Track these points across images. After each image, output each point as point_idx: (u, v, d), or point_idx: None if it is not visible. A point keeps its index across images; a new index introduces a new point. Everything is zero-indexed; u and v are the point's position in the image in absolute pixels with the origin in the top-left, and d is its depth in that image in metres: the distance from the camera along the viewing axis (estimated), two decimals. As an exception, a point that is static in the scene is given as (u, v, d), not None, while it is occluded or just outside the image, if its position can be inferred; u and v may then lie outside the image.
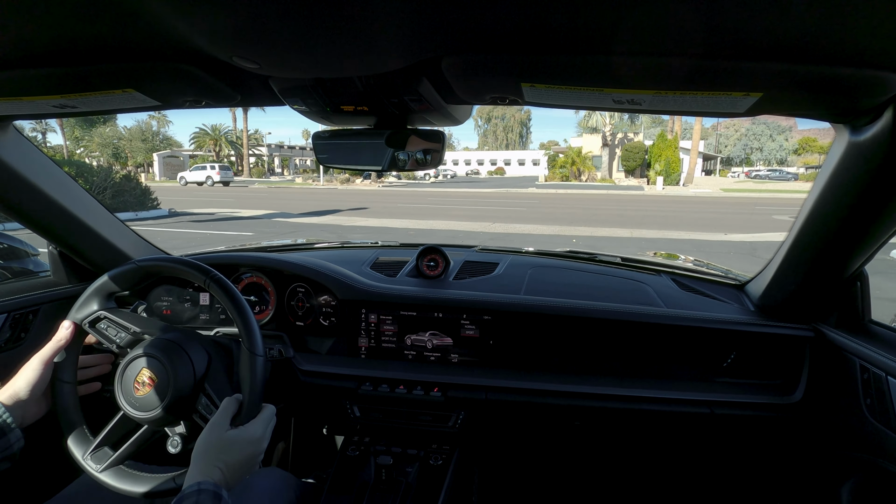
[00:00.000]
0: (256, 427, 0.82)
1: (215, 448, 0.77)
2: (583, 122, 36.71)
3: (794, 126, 54.41)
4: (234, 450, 0.78)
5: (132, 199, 12.26)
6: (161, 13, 0.51)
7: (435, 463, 1.14)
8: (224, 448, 0.77)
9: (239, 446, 0.78)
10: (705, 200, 18.07)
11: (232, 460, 0.77)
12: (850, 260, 0.93)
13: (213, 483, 0.71)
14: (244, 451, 0.79)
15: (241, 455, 0.78)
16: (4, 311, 1.19)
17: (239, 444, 0.78)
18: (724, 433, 1.20)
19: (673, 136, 28.73)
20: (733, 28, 0.49)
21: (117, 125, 39.54)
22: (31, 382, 0.84)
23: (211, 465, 0.75)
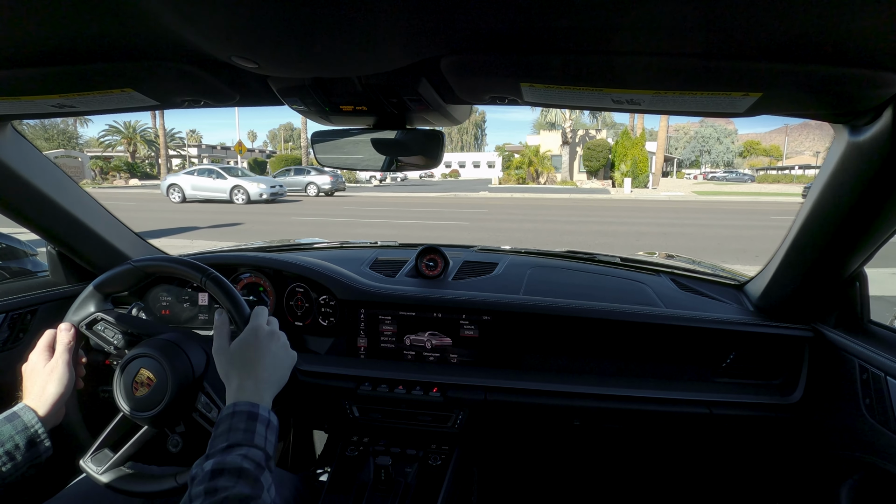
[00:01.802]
0: (255, 320, 0.82)
1: (232, 365, 0.76)
2: (541, 117, 32.83)
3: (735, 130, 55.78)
4: (249, 353, 0.77)
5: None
6: (160, 13, 0.51)
7: (434, 463, 1.14)
8: (239, 359, 0.76)
9: (252, 347, 0.77)
10: (691, 207, 15.24)
11: (255, 364, 0.76)
12: (850, 260, 0.93)
13: (249, 403, 0.70)
14: (260, 347, 0.78)
15: (259, 353, 0.77)
16: (3, 311, 1.18)
17: (251, 346, 0.78)
18: (723, 433, 1.20)
19: (639, 134, 26.43)
20: (733, 28, 0.49)
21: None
22: (62, 391, 0.83)
23: (241, 383, 0.74)
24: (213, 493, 0.58)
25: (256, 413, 0.69)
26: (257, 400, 0.72)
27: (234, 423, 0.67)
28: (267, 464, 0.66)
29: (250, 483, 0.60)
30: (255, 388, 0.74)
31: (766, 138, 67.18)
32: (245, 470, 0.61)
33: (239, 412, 0.69)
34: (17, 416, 0.76)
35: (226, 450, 0.64)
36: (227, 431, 0.67)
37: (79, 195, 1.18)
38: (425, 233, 9.56)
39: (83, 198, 1.20)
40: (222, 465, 0.61)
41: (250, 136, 70.42)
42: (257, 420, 0.69)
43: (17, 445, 0.74)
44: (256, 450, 0.66)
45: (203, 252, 1.44)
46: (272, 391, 0.77)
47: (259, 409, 0.70)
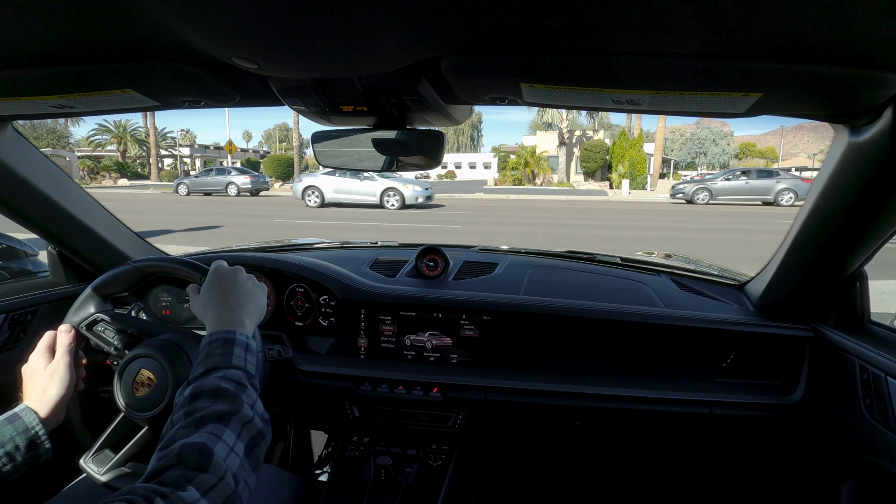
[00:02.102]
0: (215, 265, 0.83)
1: (205, 305, 0.78)
2: (537, 118, 31.53)
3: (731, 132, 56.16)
4: (216, 290, 0.78)
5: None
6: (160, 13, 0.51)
7: (434, 463, 1.14)
8: (208, 297, 0.78)
9: (218, 283, 0.79)
10: (693, 211, 14.34)
11: (224, 295, 0.77)
12: (850, 260, 0.93)
13: (224, 330, 0.71)
14: (225, 281, 0.79)
15: (226, 286, 0.79)
16: (3, 312, 1.18)
17: (216, 283, 0.79)
18: (723, 433, 1.20)
19: (637, 135, 25.58)
20: (733, 28, 0.49)
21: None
22: (63, 392, 0.83)
23: (216, 315, 0.75)
24: (192, 414, 0.59)
25: (233, 338, 0.71)
26: (233, 327, 0.73)
27: (210, 350, 0.69)
28: (249, 381, 0.67)
29: (229, 400, 0.62)
30: (231, 317, 0.75)
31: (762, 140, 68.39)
32: (223, 389, 0.63)
33: (215, 340, 0.70)
34: (19, 417, 0.76)
35: (203, 374, 0.65)
36: (204, 359, 0.68)
37: (79, 195, 1.18)
38: (413, 237, 8.81)
39: (84, 198, 1.20)
40: (200, 388, 0.63)
41: (245, 137, 69.59)
42: (234, 344, 0.70)
43: (17, 447, 0.74)
44: (234, 370, 0.67)
45: (203, 252, 1.44)
46: (252, 319, 0.79)
47: (235, 334, 0.71)
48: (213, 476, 0.53)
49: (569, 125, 29.66)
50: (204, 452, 0.53)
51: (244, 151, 55.38)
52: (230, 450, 0.56)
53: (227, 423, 0.59)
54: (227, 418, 0.59)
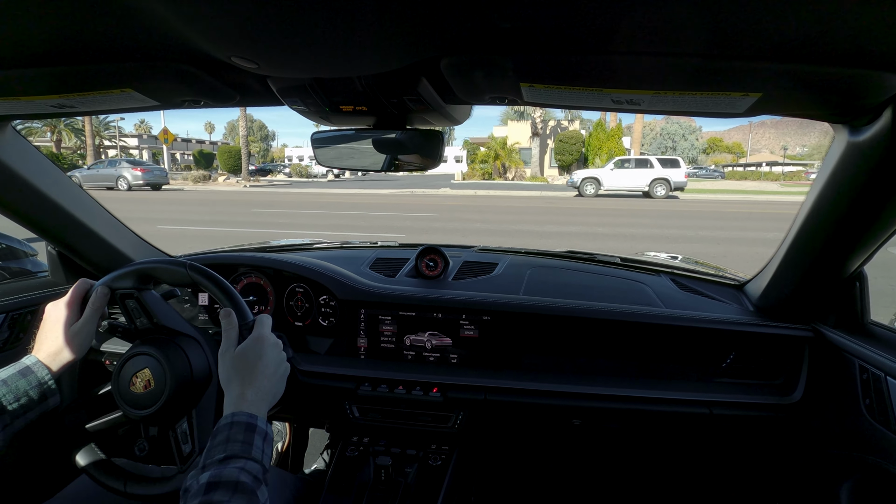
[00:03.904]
0: (261, 328, 0.81)
1: (236, 371, 0.75)
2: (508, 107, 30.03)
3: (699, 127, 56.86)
4: (253, 361, 0.76)
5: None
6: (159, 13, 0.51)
7: (434, 463, 1.14)
8: (243, 366, 0.76)
9: (257, 356, 0.77)
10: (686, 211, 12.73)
11: (257, 374, 0.75)
12: (850, 260, 0.93)
13: (248, 413, 0.69)
14: (264, 357, 0.77)
15: (263, 363, 0.77)
16: (3, 312, 1.19)
17: (256, 354, 0.77)
18: (723, 433, 1.20)
19: (616, 125, 24.09)
20: (733, 28, 0.49)
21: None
22: (78, 358, 0.82)
23: (242, 392, 0.73)
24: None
25: (255, 424, 0.68)
26: (255, 411, 0.71)
27: (232, 434, 0.66)
28: (264, 477, 0.65)
29: (247, 497, 0.59)
30: (255, 399, 0.73)
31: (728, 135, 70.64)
32: (242, 483, 0.60)
33: (238, 422, 0.67)
34: (31, 371, 0.77)
35: (223, 461, 0.62)
36: (224, 442, 0.65)
37: (79, 195, 1.18)
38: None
39: (83, 198, 1.20)
40: (218, 477, 0.60)
41: (207, 128, 67.47)
42: (255, 431, 0.68)
43: (31, 399, 0.75)
44: (254, 462, 0.64)
45: (203, 252, 1.44)
46: (269, 403, 0.77)
47: (257, 420, 0.69)
48: None
49: (542, 115, 27.76)
50: None
51: (200, 143, 53.81)
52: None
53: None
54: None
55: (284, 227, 9.49)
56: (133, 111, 0.89)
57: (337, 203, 14.48)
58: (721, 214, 12.16)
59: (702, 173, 39.94)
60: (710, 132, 68.84)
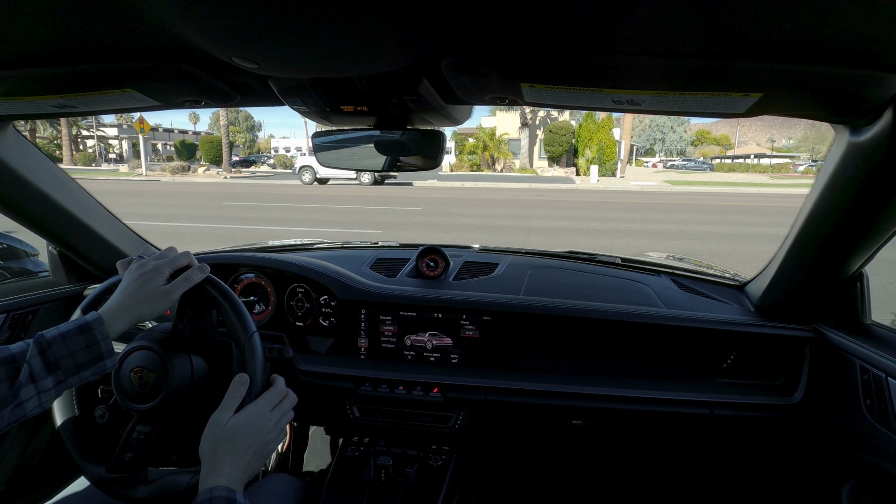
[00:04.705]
0: (261, 404, 0.76)
1: (219, 442, 0.71)
2: None
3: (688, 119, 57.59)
4: (239, 439, 0.71)
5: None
6: (161, 13, 0.51)
7: (434, 464, 1.14)
8: (228, 439, 0.71)
9: (244, 432, 0.72)
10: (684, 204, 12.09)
11: (240, 450, 0.70)
12: (850, 260, 0.93)
13: (226, 488, 0.66)
14: (251, 434, 0.72)
15: (247, 441, 0.71)
16: (4, 311, 1.19)
17: (244, 431, 0.72)
18: (723, 434, 1.20)
19: (606, 117, 23.32)
20: (733, 28, 0.49)
21: None
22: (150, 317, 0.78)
23: (219, 463, 0.69)
24: None
25: (234, 500, 0.65)
26: (236, 485, 0.67)
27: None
28: None
29: None
30: (239, 475, 0.69)
31: (715, 128, 72.83)
32: None
33: (218, 498, 0.64)
34: (90, 328, 0.71)
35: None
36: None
37: (80, 195, 1.18)
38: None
39: (84, 198, 1.20)
40: None
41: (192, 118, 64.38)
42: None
43: (86, 358, 0.71)
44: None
45: (203, 252, 1.44)
46: (250, 475, 0.72)
47: (236, 495, 0.66)
48: None
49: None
50: None
51: (183, 133, 52.76)
52: None
53: None
54: None
55: (250, 223, 8.55)
56: (134, 111, 0.89)
57: (316, 196, 13.70)
58: (719, 208, 11.68)
59: (691, 165, 40.64)
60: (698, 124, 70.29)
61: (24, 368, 0.66)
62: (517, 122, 26.80)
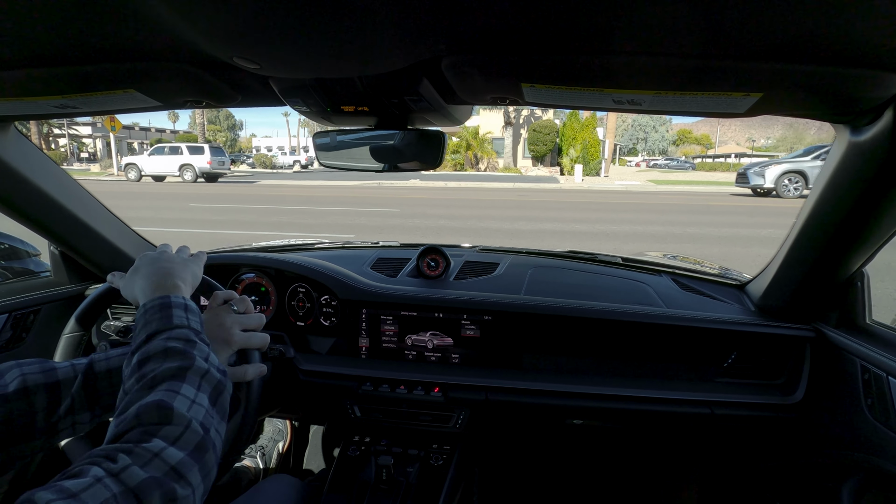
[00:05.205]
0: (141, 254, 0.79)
1: (130, 282, 0.73)
2: None
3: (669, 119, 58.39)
4: (139, 269, 0.73)
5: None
6: (162, 14, 0.51)
7: (435, 463, 1.14)
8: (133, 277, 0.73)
9: (145, 258, 0.75)
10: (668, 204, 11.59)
11: (151, 264, 0.73)
12: (851, 260, 0.93)
13: (158, 297, 0.66)
14: (151, 255, 0.76)
15: (153, 257, 0.75)
16: (6, 312, 1.19)
17: (143, 257, 0.75)
18: (724, 433, 1.20)
19: (590, 116, 22.96)
20: (733, 28, 0.49)
21: None
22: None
23: (145, 283, 0.70)
24: (143, 378, 0.55)
25: (168, 302, 0.65)
26: (167, 292, 0.68)
27: (147, 318, 0.64)
28: (198, 337, 0.63)
29: (179, 357, 0.58)
30: (163, 284, 0.69)
31: (697, 127, 75.17)
32: (171, 348, 0.59)
33: (150, 307, 0.65)
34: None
35: (146, 341, 0.61)
36: (143, 327, 0.63)
37: (81, 196, 1.19)
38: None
39: (86, 198, 1.20)
40: (146, 353, 0.59)
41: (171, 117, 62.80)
42: (171, 307, 0.65)
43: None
44: (178, 329, 0.62)
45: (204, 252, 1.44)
46: (186, 283, 0.73)
47: (170, 297, 0.66)
48: (178, 426, 0.50)
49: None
50: (161, 407, 0.50)
51: (161, 132, 51.73)
52: (191, 402, 0.53)
53: (183, 379, 0.55)
54: (182, 374, 0.56)
55: (215, 226, 8.16)
56: (135, 111, 0.89)
57: (292, 196, 13.29)
58: (706, 208, 11.13)
59: (673, 164, 41.07)
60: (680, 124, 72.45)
61: (66, 401, 0.65)
62: (501, 120, 26.27)
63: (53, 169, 1.10)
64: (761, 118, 0.74)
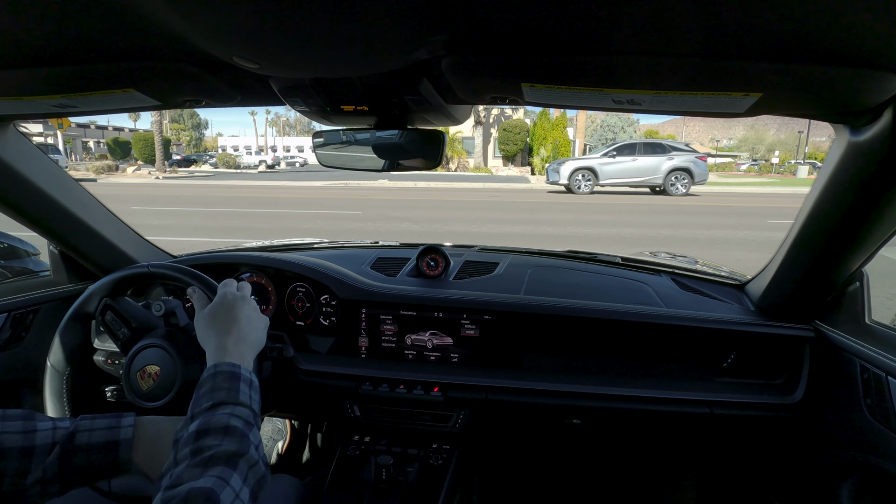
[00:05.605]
0: (224, 289, 0.82)
1: (209, 326, 0.76)
2: None
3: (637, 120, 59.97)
4: (223, 314, 0.77)
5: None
6: (162, 13, 0.51)
7: (435, 463, 1.14)
8: (214, 320, 0.76)
9: (225, 309, 0.78)
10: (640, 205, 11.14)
11: (230, 324, 0.76)
12: (850, 260, 0.93)
13: (230, 363, 0.69)
14: (234, 308, 0.78)
15: (233, 314, 0.77)
16: (5, 311, 1.19)
17: (223, 307, 0.78)
18: (723, 433, 1.20)
19: (560, 115, 22.84)
20: (733, 28, 0.49)
21: None
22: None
23: (220, 342, 0.73)
24: (199, 453, 0.56)
25: (238, 373, 0.68)
26: (238, 361, 0.71)
27: (216, 384, 0.65)
28: (255, 421, 0.64)
29: (237, 440, 0.58)
30: (235, 348, 0.73)
31: (663, 128, 79.22)
32: (232, 427, 0.60)
33: (221, 372, 0.67)
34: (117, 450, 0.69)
35: (210, 409, 0.62)
36: (210, 391, 0.64)
37: (81, 195, 1.18)
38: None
39: (85, 197, 1.20)
40: (207, 424, 0.59)
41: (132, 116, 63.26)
42: (240, 380, 0.67)
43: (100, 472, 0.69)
44: (242, 407, 0.64)
45: (204, 252, 1.44)
46: (251, 352, 0.76)
47: (241, 369, 0.69)
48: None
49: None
50: (210, 499, 0.51)
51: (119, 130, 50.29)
52: (236, 495, 0.54)
53: (235, 467, 0.56)
54: (235, 461, 0.56)
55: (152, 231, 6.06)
56: (134, 111, 0.89)
57: (248, 198, 12.55)
58: (678, 208, 10.67)
59: None
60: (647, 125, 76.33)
61: (36, 472, 0.63)
62: (471, 119, 25.88)
63: (53, 169, 1.10)
64: (724, 119, 0.74)
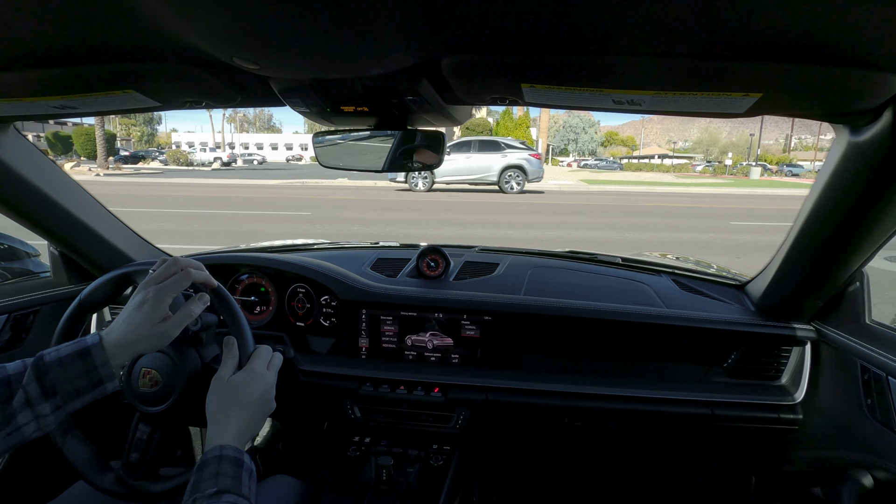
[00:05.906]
0: (256, 363, 0.79)
1: (228, 401, 0.74)
2: None
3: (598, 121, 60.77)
4: (242, 394, 0.75)
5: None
6: (161, 14, 0.51)
7: (435, 464, 1.14)
8: (232, 396, 0.74)
9: (247, 388, 0.75)
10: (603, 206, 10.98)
11: (248, 408, 0.74)
12: (851, 260, 0.93)
13: (235, 448, 0.69)
14: (253, 391, 0.76)
15: (251, 397, 0.75)
16: (5, 312, 1.19)
17: (246, 386, 0.76)
18: (724, 433, 1.20)
19: (523, 114, 23.20)
20: (733, 28, 0.49)
21: None
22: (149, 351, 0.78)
23: (231, 425, 0.71)
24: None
25: (242, 461, 0.68)
26: (241, 445, 0.70)
27: (221, 469, 0.65)
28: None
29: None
30: (240, 434, 0.72)
31: (623, 130, 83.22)
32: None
33: (227, 457, 0.67)
34: (90, 354, 0.69)
35: (214, 495, 0.62)
36: (215, 476, 0.64)
37: (81, 196, 1.18)
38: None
39: (85, 198, 1.20)
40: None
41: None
42: (243, 468, 0.67)
43: (85, 383, 0.69)
44: (245, 500, 0.64)
45: (204, 253, 1.44)
46: (249, 439, 0.76)
47: (244, 457, 0.69)
48: None
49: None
50: None
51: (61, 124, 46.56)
52: None
53: None
54: None
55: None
56: (134, 112, 0.89)
57: (185, 198, 11.60)
58: (641, 210, 10.41)
59: (603, 164, 43.05)
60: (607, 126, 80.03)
61: (19, 394, 0.65)
62: None
63: (53, 169, 1.10)
64: (681, 121, 0.74)
